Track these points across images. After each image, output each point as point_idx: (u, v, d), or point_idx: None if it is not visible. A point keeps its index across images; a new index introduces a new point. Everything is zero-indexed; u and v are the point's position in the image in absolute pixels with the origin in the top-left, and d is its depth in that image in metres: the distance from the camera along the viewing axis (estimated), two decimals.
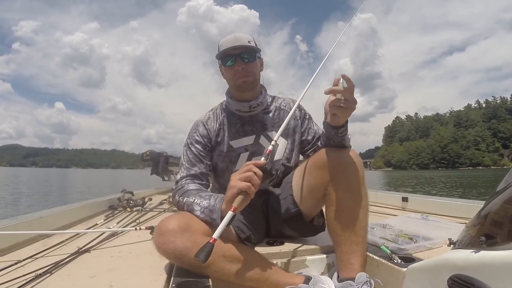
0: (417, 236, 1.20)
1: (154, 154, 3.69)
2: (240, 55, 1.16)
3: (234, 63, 1.17)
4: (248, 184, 0.86)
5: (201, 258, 0.77)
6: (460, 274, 0.70)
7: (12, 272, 0.98)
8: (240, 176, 0.88)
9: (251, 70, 1.19)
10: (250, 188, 0.85)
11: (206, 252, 0.78)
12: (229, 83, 1.24)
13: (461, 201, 1.89)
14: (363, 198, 1.04)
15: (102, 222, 1.74)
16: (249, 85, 1.21)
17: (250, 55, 1.18)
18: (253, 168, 0.88)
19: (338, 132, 1.05)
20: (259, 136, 1.27)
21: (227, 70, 1.21)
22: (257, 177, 0.87)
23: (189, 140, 1.25)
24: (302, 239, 1.26)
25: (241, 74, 1.18)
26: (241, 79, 1.18)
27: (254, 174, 0.87)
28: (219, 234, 0.80)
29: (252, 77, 1.20)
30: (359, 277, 0.94)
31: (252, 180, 0.86)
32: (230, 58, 1.17)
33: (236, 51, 1.16)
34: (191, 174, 1.18)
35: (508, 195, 0.67)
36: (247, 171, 0.88)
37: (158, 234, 0.91)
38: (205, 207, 0.99)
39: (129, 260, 1.12)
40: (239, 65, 1.17)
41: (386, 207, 2.29)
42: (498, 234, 0.67)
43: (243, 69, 1.17)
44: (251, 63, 1.19)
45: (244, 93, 1.23)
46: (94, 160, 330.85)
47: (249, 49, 1.18)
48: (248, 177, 0.86)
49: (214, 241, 0.79)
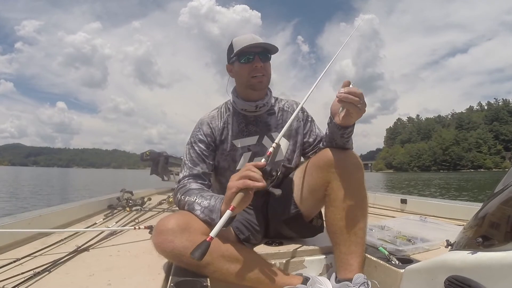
0: (415, 238, 1.20)
1: (154, 154, 3.70)
2: (260, 53, 1.17)
3: (252, 60, 1.17)
4: (246, 182, 0.85)
5: (196, 256, 0.77)
6: (457, 275, 0.70)
7: (10, 270, 0.98)
8: (239, 176, 0.88)
9: (267, 69, 1.20)
10: (249, 186, 0.85)
11: (202, 250, 0.77)
12: (242, 81, 1.22)
13: (459, 203, 1.90)
14: (363, 199, 1.05)
15: (101, 221, 1.75)
16: (264, 85, 1.21)
17: (267, 55, 1.19)
18: (252, 169, 0.87)
19: (345, 132, 1.06)
20: (262, 137, 1.27)
21: (243, 67, 1.19)
22: (256, 177, 0.86)
23: (193, 139, 1.25)
24: (301, 240, 1.26)
25: (258, 71, 1.18)
26: (257, 79, 1.19)
27: (253, 174, 0.86)
28: (216, 232, 0.80)
29: (267, 77, 1.21)
30: (356, 278, 0.94)
31: (254, 178, 0.86)
32: (249, 55, 1.17)
33: (257, 49, 1.17)
34: (194, 173, 1.18)
35: (505, 196, 0.67)
36: (245, 172, 0.87)
37: (157, 233, 0.91)
38: (205, 207, 0.99)
39: (128, 259, 1.12)
40: (257, 63, 1.17)
41: (384, 208, 2.29)
42: (495, 236, 0.66)
43: (261, 66, 1.17)
44: (267, 63, 1.20)
45: (254, 93, 1.23)
46: (96, 160, 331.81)
47: (268, 48, 1.18)
48: (247, 175, 0.86)
49: (211, 240, 0.79)
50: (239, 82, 1.24)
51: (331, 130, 1.09)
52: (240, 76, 1.21)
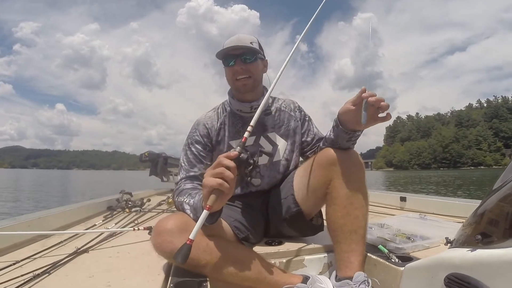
0: (414, 236, 1.19)
1: (153, 155, 3.70)
2: (241, 56, 1.17)
3: (234, 63, 1.18)
4: (219, 181, 0.79)
5: (178, 260, 0.76)
6: (456, 272, 0.69)
7: (10, 272, 0.98)
8: (211, 172, 0.82)
9: (252, 70, 1.19)
10: (223, 185, 0.79)
11: (183, 254, 0.76)
12: (229, 84, 1.25)
13: (458, 200, 1.90)
14: (364, 197, 1.05)
15: (100, 222, 1.75)
16: (249, 87, 1.21)
17: (250, 56, 1.18)
18: (224, 161, 0.81)
19: (353, 136, 1.06)
20: (259, 137, 1.27)
21: (228, 70, 1.21)
22: (229, 171, 0.80)
23: (189, 140, 1.25)
24: (301, 239, 1.26)
25: (240, 73, 1.18)
26: (241, 82, 1.19)
27: (225, 168, 0.81)
28: (195, 234, 0.77)
29: (252, 78, 1.20)
30: (356, 276, 0.94)
31: (224, 176, 0.80)
32: (231, 59, 1.18)
33: (237, 51, 1.16)
34: (190, 175, 1.19)
35: (503, 193, 0.67)
36: (217, 166, 0.82)
37: (156, 234, 0.91)
38: (191, 205, 0.99)
39: (127, 260, 1.12)
40: (237, 65, 1.17)
41: (384, 206, 2.29)
42: (494, 233, 0.66)
43: (242, 69, 1.17)
44: (251, 64, 1.19)
45: (244, 95, 1.23)
46: (96, 162, 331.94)
47: (250, 50, 1.18)
48: (218, 173, 0.80)
49: (191, 242, 0.77)
50: (229, 84, 1.26)
51: (337, 134, 1.09)
52: (227, 79, 1.24)
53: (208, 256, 0.91)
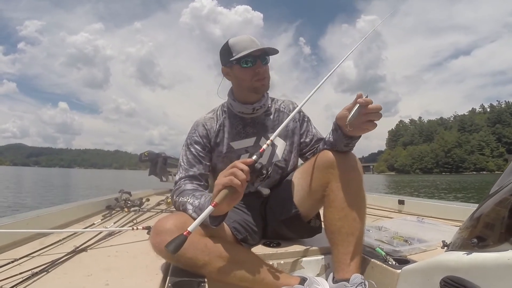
0: (412, 239, 1.20)
1: (152, 155, 3.71)
2: (261, 57, 1.16)
3: (254, 64, 1.15)
4: (231, 177, 0.83)
5: (170, 249, 0.75)
6: (452, 275, 0.70)
7: (8, 270, 0.98)
8: (223, 173, 0.86)
9: (268, 71, 1.21)
10: (233, 181, 0.82)
11: (177, 244, 0.76)
12: (245, 84, 1.20)
13: (456, 204, 1.90)
14: (361, 200, 1.06)
15: (99, 221, 1.75)
16: (266, 88, 1.22)
17: (267, 58, 1.19)
18: (239, 165, 0.85)
19: (351, 142, 1.06)
20: (259, 138, 1.27)
21: (244, 71, 1.17)
22: (242, 173, 0.83)
23: (189, 141, 1.26)
24: (298, 241, 1.26)
25: (261, 75, 1.17)
26: (261, 82, 1.18)
27: (239, 170, 0.84)
28: (194, 227, 0.78)
29: (268, 79, 1.21)
30: (353, 278, 0.94)
31: (236, 175, 0.83)
32: (251, 59, 1.15)
33: (257, 52, 1.15)
34: (190, 175, 1.19)
35: (500, 197, 0.67)
36: (232, 167, 0.85)
37: (155, 233, 0.92)
38: (196, 206, 1.00)
39: (126, 260, 1.13)
40: (259, 67, 1.16)
41: (382, 209, 2.28)
42: (489, 236, 0.66)
43: (263, 70, 1.17)
44: (267, 66, 1.20)
45: (255, 96, 1.23)
46: (97, 161, 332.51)
47: (269, 52, 1.18)
48: (231, 172, 0.84)
49: (188, 234, 0.77)
50: (240, 85, 1.22)
51: (336, 138, 1.09)
52: (242, 80, 1.20)
53: (207, 256, 0.91)
